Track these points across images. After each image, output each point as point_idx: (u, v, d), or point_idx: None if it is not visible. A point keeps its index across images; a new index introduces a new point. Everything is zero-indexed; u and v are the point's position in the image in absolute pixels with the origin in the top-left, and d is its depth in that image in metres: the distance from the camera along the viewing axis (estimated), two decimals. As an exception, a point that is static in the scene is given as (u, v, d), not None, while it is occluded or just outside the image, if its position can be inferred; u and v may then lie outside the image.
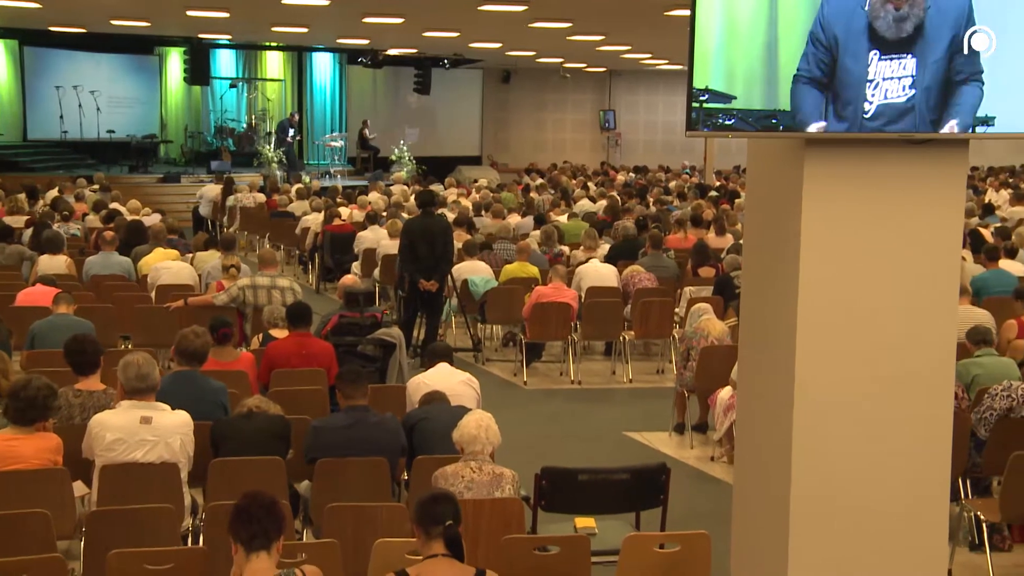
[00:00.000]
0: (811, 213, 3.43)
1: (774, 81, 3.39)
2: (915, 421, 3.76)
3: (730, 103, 3.41)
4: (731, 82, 3.40)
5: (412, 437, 5.79)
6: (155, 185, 23.13)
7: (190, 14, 16.91)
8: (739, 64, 3.41)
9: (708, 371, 8.22)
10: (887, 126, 3.35)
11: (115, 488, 5.15)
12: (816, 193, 3.42)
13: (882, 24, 3.33)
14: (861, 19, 3.34)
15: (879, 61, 3.34)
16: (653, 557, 4.54)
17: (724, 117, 3.41)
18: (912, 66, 3.34)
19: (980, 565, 6.07)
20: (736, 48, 3.40)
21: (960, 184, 3.50)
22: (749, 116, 3.40)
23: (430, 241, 10.59)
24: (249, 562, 3.59)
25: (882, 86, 3.34)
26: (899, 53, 3.35)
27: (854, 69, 3.34)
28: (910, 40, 3.34)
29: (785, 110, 3.38)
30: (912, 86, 3.35)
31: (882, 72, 3.34)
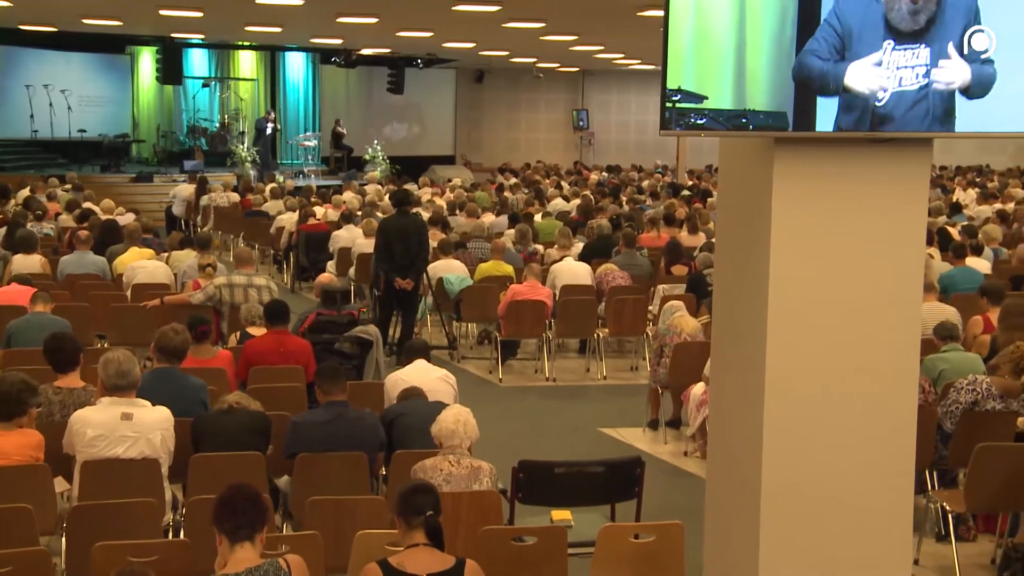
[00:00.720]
0: (781, 210, 3.54)
1: (743, 82, 3.50)
2: (881, 413, 3.87)
3: (702, 103, 3.51)
4: (702, 83, 3.50)
5: (391, 432, 5.87)
6: (127, 185, 23.05)
7: (163, 13, 16.88)
8: (710, 65, 3.51)
9: (681, 367, 8.34)
10: (901, 114, 3.45)
11: (96, 484, 5.20)
12: (785, 190, 3.53)
13: (896, 16, 3.44)
14: (877, 11, 3.44)
15: (893, 50, 3.45)
16: (628, 547, 4.65)
17: (696, 116, 3.52)
18: (927, 55, 3.46)
19: (946, 555, 6.20)
20: (707, 50, 3.51)
21: (924, 181, 3.62)
22: (720, 116, 3.50)
23: (405, 240, 10.67)
24: (233, 552, 3.67)
25: (896, 75, 3.45)
26: (913, 42, 3.46)
27: (867, 57, 3.44)
28: (924, 31, 3.44)
29: (754, 110, 3.49)
30: (926, 75, 3.46)
31: (896, 61, 3.45)
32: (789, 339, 3.73)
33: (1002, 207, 17.56)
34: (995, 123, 3.57)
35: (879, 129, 3.46)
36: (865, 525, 3.97)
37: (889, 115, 3.45)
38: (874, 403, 3.86)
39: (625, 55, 25.79)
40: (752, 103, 3.49)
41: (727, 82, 3.51)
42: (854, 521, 3.96)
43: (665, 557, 4.66)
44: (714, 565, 4.24)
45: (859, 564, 3.96)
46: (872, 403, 3.85)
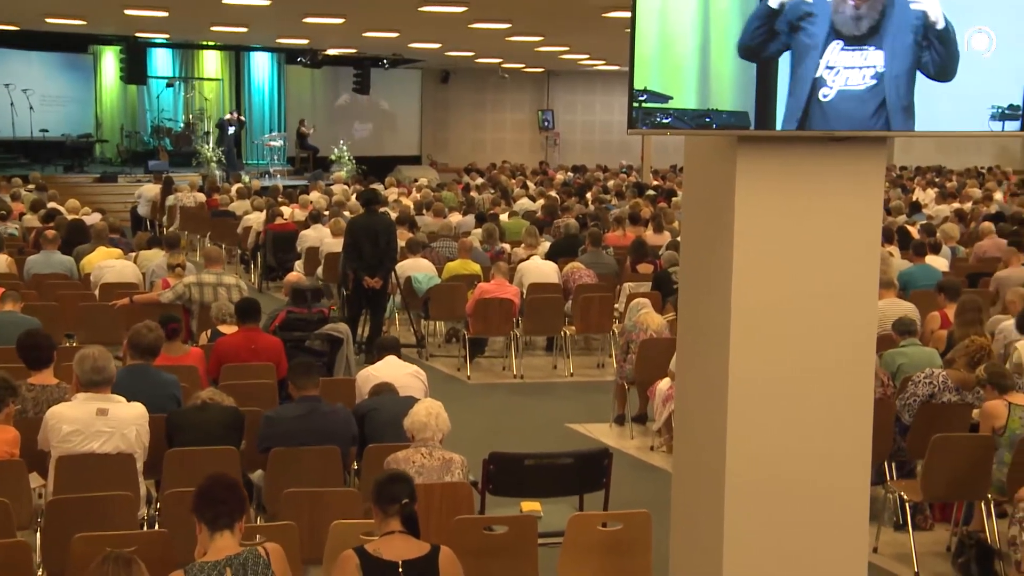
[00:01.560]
0: (743, 206, 3.67)
1: (706, 82, 3.63)
2: (839, 404, 3.99)
3: (667, 103, 3.64)
4: (667, 83, 3.63)
5: (363, 426, 5.97)
6: (91, 185, 22.90)
7: (128, 13, 16.84)
8: (675, 67, 3.64)
9: (647, 363, 8.48)
10: (852, 113, 3.59)
11: (71, 479, 5.26)
12: (748, 187, 3.66)
13: (839, 19, 3.58)
14: (826, 12, 3.58)
15: (841, 51, 3.59)
16: (596, 536, 4.77)
17: (662, 116, 3.64)
18: (876, 57, 3.60)
19: (904, 543, 6.39)
20: (672, 52, 3.63)
21: (879, 178, 3.77)
22: (684, 115, 3.63)
23: (374, 239, 10.74)
24: (213, 541, 3.76)
25: (843, 73, 3.59)
26: (862, 45, 3.60)
27: (811, 55, 3.57)
28: (870, 35, 3.58)
29: (717, 109, 3.62)
30: (875, 76, 3.60)
31: (843, 61, 3.59)
32: (752, 333, 3.85)
33: (960, 207, 17.88)
34: (946, 123, 3.72)
35: (830, 127, 3.60)
36: (824, 513, 4.08)
37: (838, 113, 3.59)
38: (832, 394, 3.98)
39: (590, 56, 25.98)
40: (715, 103, 3.62)
41: (691, 83, 3.64)
42: (814, 510, 4.07)
43: (633, 545, 4.79)
44: (680, 554, 4.35)
45: (819, 552, 4.08)
46: (831, 394, 3.98)
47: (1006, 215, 15.70)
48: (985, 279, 10.92)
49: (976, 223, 15.27)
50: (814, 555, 4.09)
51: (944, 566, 6.31)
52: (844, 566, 4.13)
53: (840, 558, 4.13)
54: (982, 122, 3.69)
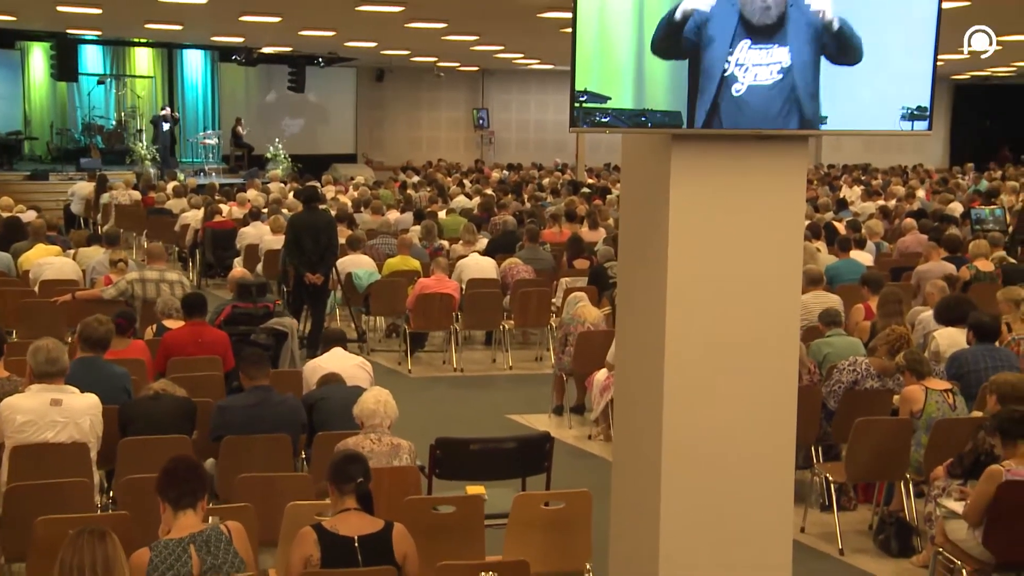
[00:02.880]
0: (677, 201, 3.92)
1: (642, 84, 3.88)
2: (766, 386, 4.23)
3: (605, 103, 3.89)
4: (605, 84, 3.87)
5: (312, 415, 6.15)
6: (22, 183, 22.56)
7: (60, 10, 16.72)
8: (612, 69, 3.88)
9: (585, 355, 8.75)
10: (761, 106, 3.86)
11: (26, 468, 5.37)
12: (681, 182, 3.91)
13: (749, 10, 3.84)
14: (732, 13, 3.84)
15: (749, 49, 3.86)
16: (540, 514, 5.02)
17: (600, 115, 3.88)
18: (782, 54, 3.87)
19: (829, 523, 6.71)
20: (609, 54, 3.88)
21: (801, 174, 4.05)
22: (622, 114, 3.88)
23: (315, 235, 10.88)
24: (177, 519, 3.94)
25: (752, 71, 3.86)
26: (768, 42, 3.87)
27: (719, 53, 3.83)
28: (776, 28, 3.85)
29: (652, 109, 3.88)
30: (781, 71, 3.87)
31: (752, 59, 3.85)
32: (685, 320, 4.09)
33: (885, 204, 18.40)
34: (858, 122, 4.02)
35: (743, 124, 3.88)
36: (753, 494, 4.30)
37: (750, 110, 3.87)
38: (760, 377, 4.23)
39: (524, 55, 26.25)
40: (650, 103, 3.87)
41: (628, 84, 3.88)
42: (743, 490, 4.30)
43: (574, 523, 5.04)
44: (620, 534, 4.57)
45: (748, 530, 4.33)
46: (759, 377, 4.23)
47: (928, 212, 16.24)
48: (907, 273, 11.35)
49: (900, 219, 15.79)
50: (744, 532, 4.33)
51: (866, 543, 6.65)
52: (771, 541, 4.39)
53: (767, 534, 4.39)
54: (893, 122, 3.99)
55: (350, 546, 4.05)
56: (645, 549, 4.24)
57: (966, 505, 5.42)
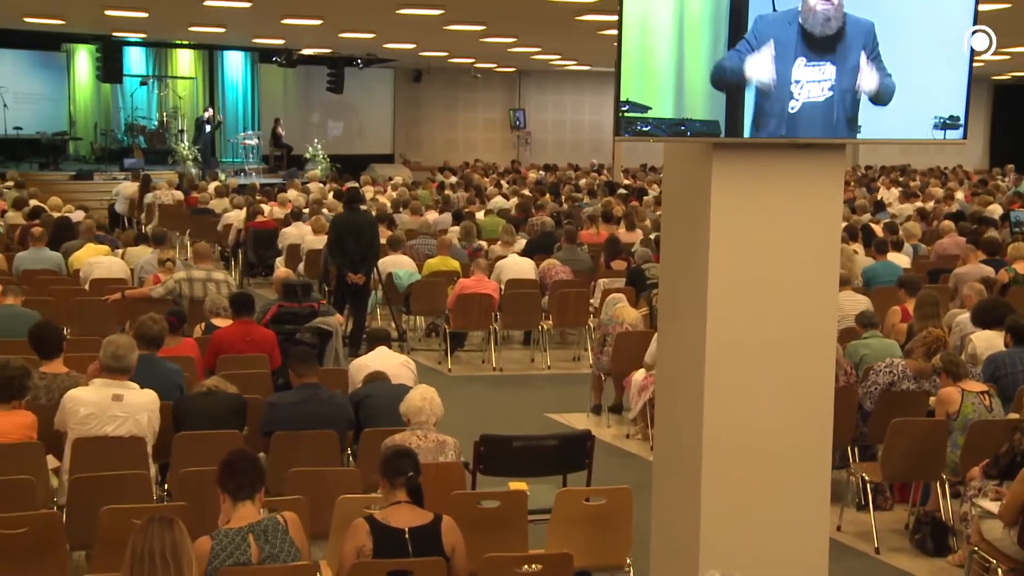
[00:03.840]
0: (718, 206, 4.06)
1: (681, 94, 4.03)
2: (803, 388, 4.36)
3: (646, 112, 4.04)
4: (646, 95, 4.03)
5: (358, 412, 6.32)
6: (67, 182, 22.97)
7: (108, 14, 17.05)
8: (653, 80, 4.03)
9: (623, 355, 8.87)
10: (812, 122, 4.00)
11: (87, 460, 5.58)
12: (722, 189, 4.05)
13: (811, 22, 3.98)
14: (792, 32, 3.98)
15: (805, 66, 4.00)
16: (581, 509, 5.16)
17: (641, 124, 4.04)
18: (831, 72, 4.00)
19: (866, 522, 6.81)
20: (650, 66, 4.02)
21: (838, 181, 4.18)
22: (662, 124, 4.02)
23: (357, 236, 11.09)
24: (236, 509, 4.11)
25: (806, 87, 4.00)
26: (820, 59, 4.00)
27: (781, 72, 3.98)
28: (831, 44, 3.99)
29: (692, 118, 4.02)
30: (831, 88, 4.00)
31: (806, 76, 3.99)
32: (726, 323, 4.22)
33: (922, 206, 18.36)
34: (892, 131, 4.15)
35: (794, 135, 4.01)
36: (791, 492, 4.44)
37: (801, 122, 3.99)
38: (797, 379, 4.36)
39: (562, 56, 26.37)
40: (689, 113, 4.02)
41: (668, 94, 4.03)
42: (781, 489, 4.43)
43: (615, 518, 5.18)
44: (661, 529, 4.70)
45: (786, 527, 4.46)
46: (795, 379, 4.36)
47: (966, 214, 16.20)
48: (945, 275, 11.36)
49: (938, 222, 15.77)
50: (782, 529, 4.45)
51: (902, 542, 6.74)
52: (808, 538, 4.51)
53: (804, 531, 4.51)
54: (926, 130, 4.11)
55: (401, 537, 4.21)
56: (686, 544, 4.38)
57: (1001, 505, 5.50)
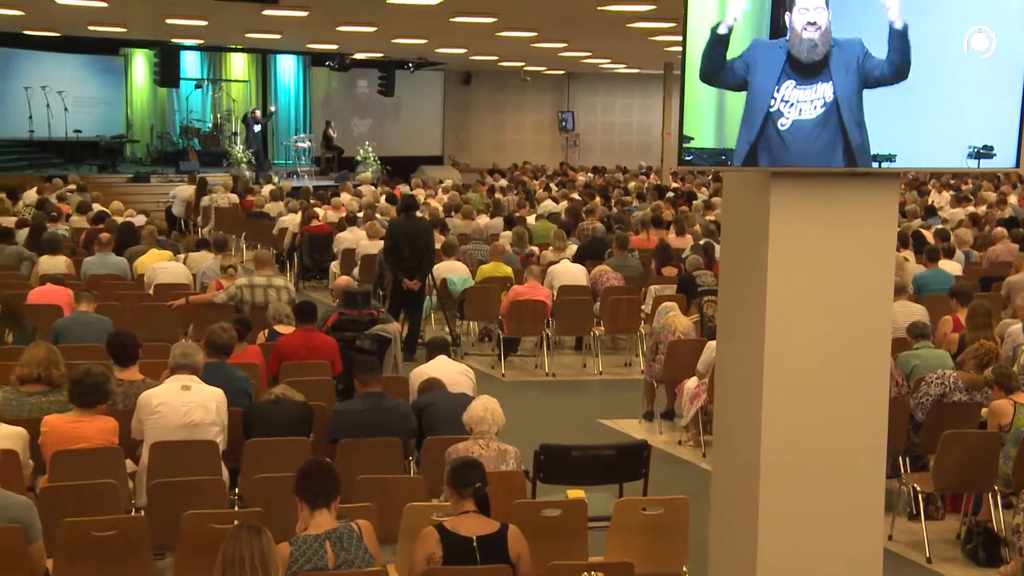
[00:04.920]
0: (776, 232, 4.22)
1: (723, 125, 4.20)
2: (858, 401, 4.50)
3: (690, 143, 4.22)
4: (690, 126, 4.20)
5: (421, 420, 6.52)
6: (125, 185, 23.41)
7: (169, 22, 17.45)
8: (696, 112, 4.20)
9: (675, 363, 9.01)
10: (807, 136, 4.14)
11: (163, 463, 5.84)
12: (780, 215, 4.22)
13: (799, 50, 4.13)
14: (780, 56, 4.13)
15: (795, 88, 4.14)
16: (639, 519, 5.32)
17: (686, 154, 4.24)
18: (825, 90, 4.14)
19: (917, 531, 6.90)
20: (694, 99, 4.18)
21: (892, 208, 4.33)
22: (704, 153, 4.22)
23: (413, 242, 11.32)
24: (313, 517, 4.33)
25: (797, 106, 4.15)
26: (812, 80, 4.15)
27: (765, 90, 4.13)
28: (822, 66, 4.13)
29: (731, 148, 4.19)
30: (824, 105, 4.14)
31: (797, 96, 4.14)
32: (783, 343, 4.36)
33: (974, 210, 18.23)
34: (926, 159, 4.32)
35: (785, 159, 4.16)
36: (846, 503, 4.58)
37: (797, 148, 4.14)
38: (853, 393, 4.50)
39: (611, 59, 26.50)
40: (730, 143, 4.20)
41: (709, 125, 4.21)
42: (837, 499, 4.58)
43: (672, 527, 5.33)
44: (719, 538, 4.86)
45: (841, 537, 4.60)
46: (851, 393, 4.50)
47: (1019, 220, 16.10)
48: (997, 283, 11.35)
49: (990, 227, 15.69)
50: (837, 539, 4.59)
51: (954, 552, 6.82)
52: (863, 547, 4.65)
53: (859, 541, 4.65)
54: (960, 160, 4.25)
55: (469, 546, 4.40)
56: (744, 555, 4.53)
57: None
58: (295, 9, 14.51)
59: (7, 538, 4.50)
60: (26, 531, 4.58)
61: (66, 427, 5.73)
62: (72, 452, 5.63)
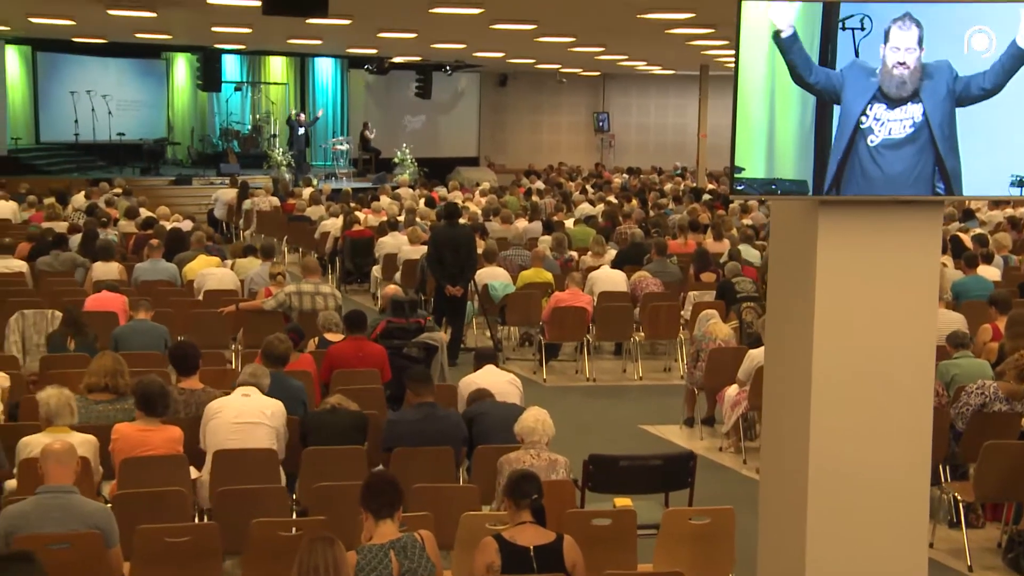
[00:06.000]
0: (823, 258, 4.40)
1: (772, 156, 4.37)
2: (904, 415, 4.68)
3: (740, 173, 4.40)
4: (741, 157, 4.39)
5: (471, 429, 6.72)
6: (167, 187, 23.72)
7: (215, 30, 17.75)
8: (747, 143, 4.38)
9: (716, 370, 9.16)
10: (895, 155, 4.30)
11: (225, 471, 6.07)
12: (828, 241, 4.40)
13: (888, 86, 4.30)
14: (872, 87, 4.30)
15: (886, 110, 4.31)
16: (687, 528, 5.49)
17: (736, 184, 4.42)
18: (916, 111, 4.30)
19: (957, 540, 7.00)
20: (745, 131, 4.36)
21: (936, 234, 4.51)
22: (754, 183, 4.40)
23: (455, 249, 11.55)
24: (378, 527, 4.53)
25: (887, 125, 4.31)
26: (903, 104, 4.31)
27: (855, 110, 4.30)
28: (912, 96, 4.30)
29: (782, 178, 4.37)
30: (913, 125, 4.30)
31: (887, 116, 4.30)
32: (830, 363, 4.55)
33: (1013, 213, 18.18)
34: (969, 187, 4.45)
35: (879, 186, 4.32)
36: (891, 513, 4.75)
37: (885, 176, 4.30)
38: (898, 407, 4.67)
39: (647, 62, 26.60)
40: (779, 172, 4.37)
41: (760, 155, 4.38)
42: (882, 510, 4.74)
43: (718, 536, 5.50)
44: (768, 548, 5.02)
45: (887, 546, 4.76)
46: (897, 407, 4.67)
47: (1059, 223, 16.07)
48: (1036, 289, 11.40)
49: (1029, 230, 15.68)
50: (883, 547, 4.76)
51: (995, 560, 6.93)
52: (908, 556, 4.81)
53: (904, 549, 4.81)
54: (1002, 188, 4.41)
55: (527, 555, 4.59)
56: (792, 565, 4.70)
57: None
58: (338, 18, 14.74)
59: (88, 544, 4.73)
60: (105, 537, 4.82)
61: (135, 435, 5.98)
62: (140, 459, 5.88)
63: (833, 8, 4.17)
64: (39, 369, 8.21)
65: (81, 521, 4.79)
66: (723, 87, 29.03)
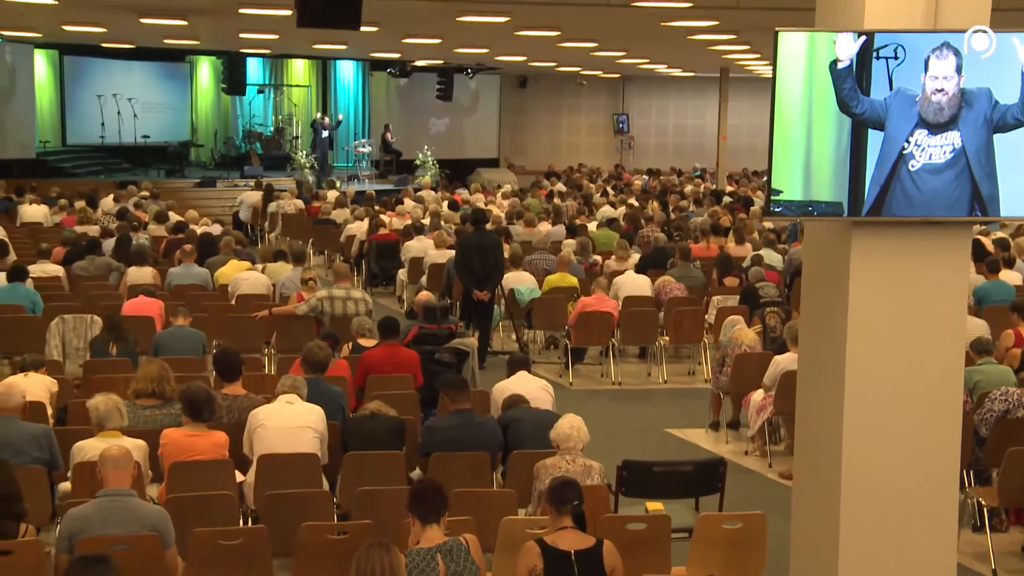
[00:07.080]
0: (856, 277, 4.59)
1: (809, 179, 4.55)
2: (933, 424, 4.87)
3: (778, 195, 4.56)
4: (779, 180, 4.57)
5: (506, 435, 6.90)
6: (192, 189, 23.96)
7: (243, 36, 17.98)
8: (785, 167, 4.55)
9: (742, 376, 9.31)
10: (936, 179, 4.48)
11: (270, 476, 6.27)
12: (861, 261, 4.59)
13: (927, 111, 4.47)
14: (914, 115, 4.48)
15: (927, 136, 4.48)
16: (720, 533, 5.66)
17: (774, 206, 4.58)
18: (955, 137, 4.48)
19: (982, 543, 7.11)
20: (783, 155, 4.53)
21: (965, 254, 4.69)
22: (791, 205, 4.59)
23: (482, 255, 11.72)
24: (425, 531, 4.72)
25: (927, 151, 4.49)
26: (943, 130, 4.49)
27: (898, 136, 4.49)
28: (951, 122, 4.48)
29: (818, 200, 4.54)
30: (953, 151, 4.48)
31: (928, 142, 4.48)
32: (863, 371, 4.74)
33: (1034, 217, 18.18)
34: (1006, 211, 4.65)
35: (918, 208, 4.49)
36: (920, 517, 4.93)
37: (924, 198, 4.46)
38: (927, 419, 4.86)
39: (668, 65, 26.72)
40: (816, 195, 4.55)
41: (798, 179, 4.55)
42: (912, 514, 4.92)
43: (750, 541, 5.66)
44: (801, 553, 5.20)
45: (917, 550, 4.94)
46: (926, 416, 4.85)
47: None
48: (1059, 293, 11.48)
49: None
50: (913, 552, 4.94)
51: (1019, 564, 7.06)
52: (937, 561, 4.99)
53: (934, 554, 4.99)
54: None
55: (568, 559, 4.77)
56: (826, 568, 4.87)
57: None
58: (366, 25, 14.91)
59: (146, 545, 4.93)
60: (162, 538, 5.02)
61: (184, 440, 6.18)
62: (188, 464, 6.08)
63: (870, 38, 4.33)
64: (83, 374, 8.42)
65: (139, 523, 4.99)
66: (742, 89, 29.11)
